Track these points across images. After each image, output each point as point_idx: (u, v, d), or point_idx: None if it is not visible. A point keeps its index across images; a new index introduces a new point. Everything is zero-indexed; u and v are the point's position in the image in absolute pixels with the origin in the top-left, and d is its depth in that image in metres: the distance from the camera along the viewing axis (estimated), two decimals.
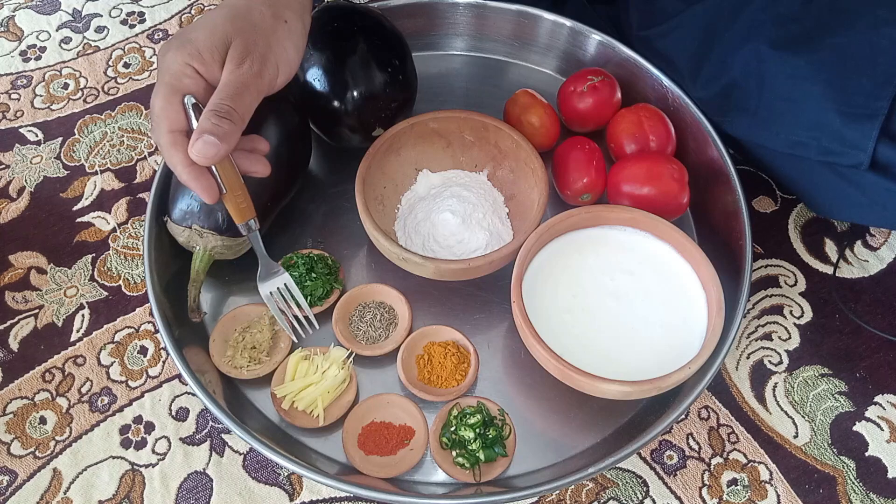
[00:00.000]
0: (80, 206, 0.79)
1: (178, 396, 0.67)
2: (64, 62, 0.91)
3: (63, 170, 0.82)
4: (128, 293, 0.73)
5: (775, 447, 0.65)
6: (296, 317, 0.64)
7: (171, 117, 0.53)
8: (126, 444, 0.65)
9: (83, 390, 0.68)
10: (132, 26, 0.95)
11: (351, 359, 0.64)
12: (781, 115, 0.66)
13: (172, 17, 0.96)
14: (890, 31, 0.62)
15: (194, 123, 0.53)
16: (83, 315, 0.72)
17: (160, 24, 0.95)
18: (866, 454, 0.65)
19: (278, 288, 0.63)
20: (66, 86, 0.89)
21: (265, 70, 0.54)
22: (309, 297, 0.66)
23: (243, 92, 0.53)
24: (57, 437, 0.65)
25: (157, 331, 0.69)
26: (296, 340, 0.65)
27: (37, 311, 0.72)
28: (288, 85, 0.71)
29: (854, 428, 0.67)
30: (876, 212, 0.68)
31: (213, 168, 0.55)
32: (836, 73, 0.63)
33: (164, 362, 0.69)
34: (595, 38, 0.80)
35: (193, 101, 0.53)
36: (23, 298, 0.73)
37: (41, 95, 0.88)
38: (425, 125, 0.70)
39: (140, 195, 0.80)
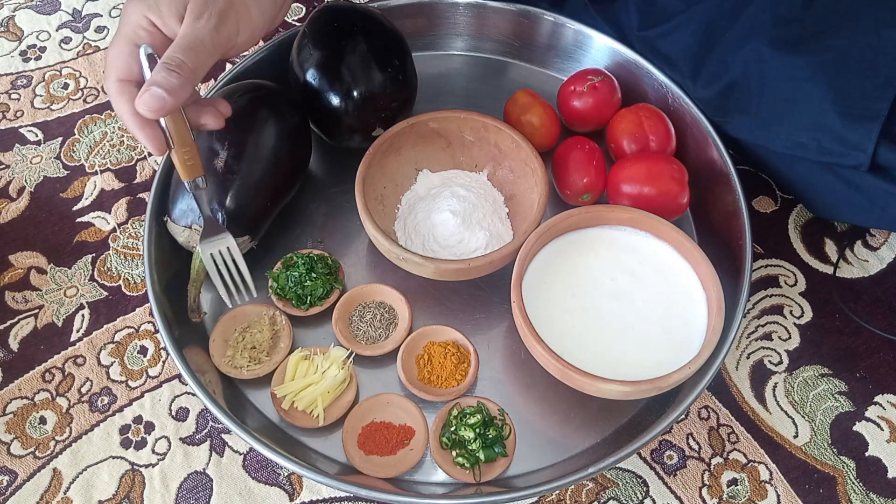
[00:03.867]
0: (80, 206, 0.79)
1: (178, 396, 0.67)
2: (64, 62, 0.91)
3: (63, 170, 0.82)
4: (128, 293, 0.73)
5: (775, 447, 0.65)
6: (234, 282, 0.63)
7: (120, 66, 0.53)
8: (126, 444, 0.65)
9: (83, 390, 0.68)
10: None
11: (351, 359, 0.64)
12: (781, 116, 0.66)
13: None
14: (890, 33, 0.62)
15: (147, 74, 0.53)
16: (83, 315, 0.72)
17: None
18: (866, 454, 0.65)
19: (220, 251, 0.62)
20: (66, 86, 0.89)
21: (223, 27, 0.54)
22: (309, 297, 0.66)
23: (197, 47, 0.53)
24: (57, 437, 0.65)
25: (157, 331, 0.69)
26: (230, 306, 0.64)
27: (37, 311, 0.72)
28: (288, 85, 0.72)
29: (854, 428, 0.67)
30: (875, 214, 0.68)
31: (163, 121, 0.54)
32: (836, 74, 0.63)
33: (164, 362, 0.69)
34: (595, 38, 0.80)
35: (150, 51, 0.53)
36: (23, 298, 0.73)
37: (41, 95, 0.88)
38: (425, 125, 0.70)
39: (140, 195, 0.80)
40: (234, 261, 0.62)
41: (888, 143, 0.61)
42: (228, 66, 0.90)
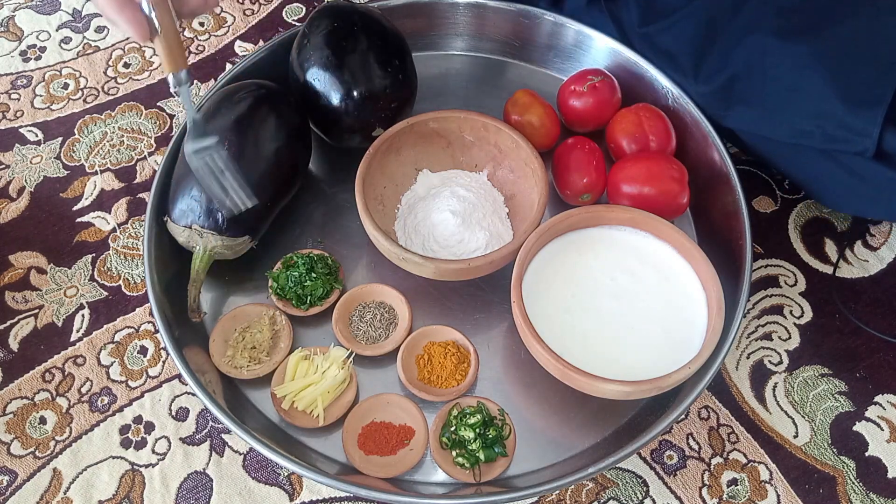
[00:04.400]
0: (80, 206, 0.79)
1: (178, 396, 0.67)
2: (64, 62, 0.91)
3: (63, 170, 0.82)
4: (128, 293, 0.73)
5: (775, 447, 0.65)
6: (223, 188, 0.60)
7: None
8: (126, 444, 0.65)
9: (83, 390, 0.68)
10: None
11: (351, 359, 0.64)
12: (785, 105, 0.66)
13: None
14: (892, 19, 0.62)
15: None
16: (83, 315, 0.72)
17: None
18: (866, 454, 0.65)
19: (210, 157, 0.58)
20: (66, 86, 0.89)
21: None
22: (309, 297, 0.66)
23: None
24: (57, 437, 0.65)
25: (157, 331, 0.69)
26: (234, 211, 0.60)
27: (37, 311, 0.72)
28: (288, 85, 0.72)
29: (854, 428, 0.67)
30: (882, 204, 0.68)
31: (145, 6, 0.51)
32: (839, 61, 0.63)
33: (164, 362, 0.69)
34: (595, 38, 0.80)
35: None
36: (23, 298, 0.73)
37: (41, 95, 0.88)
38: (425, 125, 0.70)
39: (140, 195, 0.80)
40: (222, 167, 0.58)
41: (893, 130, 0.61)
42: (228, 66, 0.90)
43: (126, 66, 0.90)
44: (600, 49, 0.80)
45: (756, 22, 0.67)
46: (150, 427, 0.66)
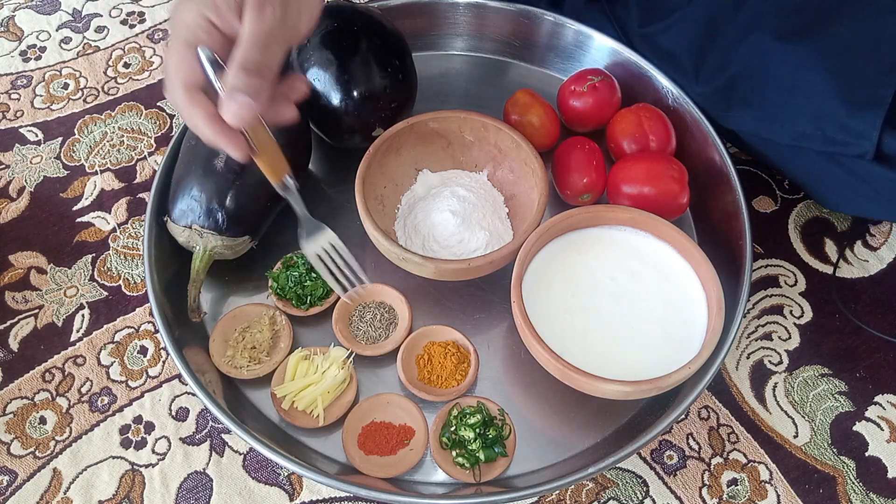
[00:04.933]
0: (80, 206, 0.79)
1: (178, 396, 0.67)
2: (64, 62, 0.91)
3: (63, 170, 0.82)
4: (128, 293, 0.73)
5: (775, 447, 0.65)
6: (344, 274, 0.61)
7: (185, 72, 0.49)
8: (126, 444, 0.65)
9: (83, 390, 0.68)
10: (132, 26, 0.95)
11: (351, 359, 0.64)
12: (785, 107, 0.66)
13: None
14: (893, 20, 0.61)
15: (212, 78, 0.49)
16: (83, 315, 0.72)
17: (160, 24, 0.95)
18: (866, 454, 0.65)
19: (324, 248, 0.59)
20: (66, 86, 0.89)
21: (287, 16, 0.50)
22: (309, 297, 0.66)
23: (270, 42, 0.49)
24: (57, 437, 0.65)
25: (157, 331, 0.69)
26: (349, 302, 0.62)
27: (37, 311, 0.72)
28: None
29: (854, 428, 0.67)
30: (882, 205, 0.67)
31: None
32: (839, 62, 0.63)
33: (164, 362, 0.69)
34: (595, 38, 0.80)
35: (209, 53, 0.49)
36: (23, 298, 0.73)
37: (41, 95, 0.88)
38: (425, 125, 0.70)
39: (140, 195, 0.80)
40: (338, 252, 0.60)
41: (893, 132, 0.61)
42: None
43: (126, 66, 0.91)
44: (600, 49, 0.80)
45: (756, 22, 0.67)
46: (150, 427, 0.66)
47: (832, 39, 0.63)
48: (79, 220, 0.78)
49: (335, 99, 0.68)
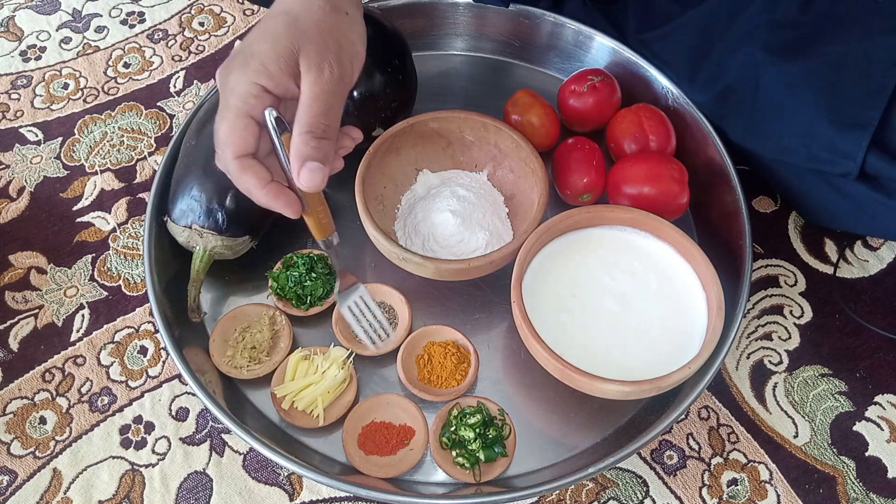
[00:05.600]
0: (80, 206, 0.79)
1: (178, 396, 0.67)
2: (64, 62, 0.91)
3: (63, 170, 0.82)
4: (128, 293, 0.73)
5: (775, 447, 0.65)
6: (372, 326, 0.63)
7: (237, 142, 0.48)
8: (126, 444, 0.65)
9: (83, 390, 0.68)
10: (132, 26, 0.95)
11: (351, 359, 0.64)
12: (773, 121, 0.66)
13: (172, 17, 0.96)
14: (884, 41, 0.61)
15: (276, 142, 0.49)
16: (83, 315, 0.72)
17: (160, 24, 0.95)
18: (866, 454, 0.65)
19: (355, 302, 0.62)
20: (66, 86, 0.89)
21: (344, 72, 0.50)
22: (309, 297, 0.66)
23: (332, 103, 0.49)
24: (57, 437, 0.65)
25: (157, 331, 0.69)
26: (374, 352, 0.64)
27: (37, 311, 0.72)
28: None
29: (854, 428, 0.67)
30: (866, 221, 0.68)
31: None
32: (829, 81, 0.63)
33: (164, 362, 0.69)
34: (595, 38, 0.80)
35: (275, 114, 0.49)
36: (23, 298, 0.73)
37: (41, 95, 0.88)
38: (425, 125, 0.70)
39: (140, 195, 0.80)
40: (368, 307, 0.62)
41: (877, 152, 0.61)
42: None
43: (126, 66, 0.91)
44: (600, 49, 0.80)
45: (750, 34, 0.67)
46: (150, 427, 0.66)
47: (822, 57, 0.63)
48: (79, 220, 0.78)
49: None
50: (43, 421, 0.66)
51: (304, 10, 0.50)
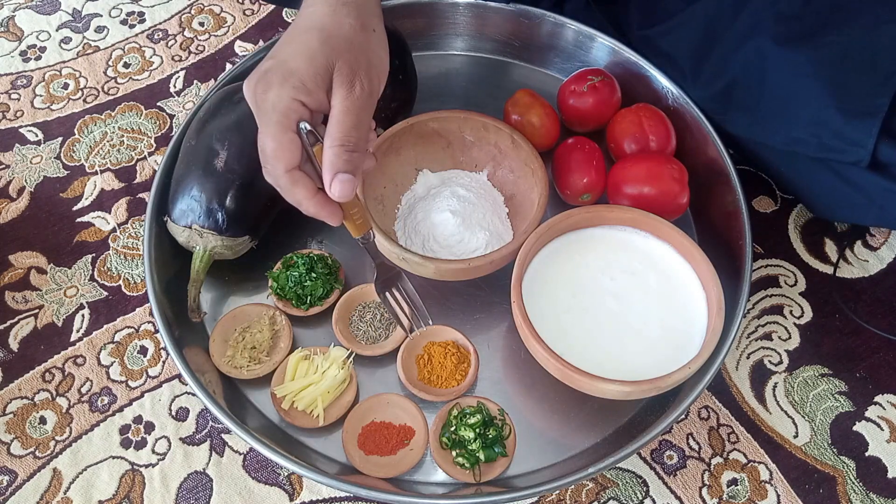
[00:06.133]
0: (80, 206, 0.79)
1: (178, 396, 0.67)
2: (64, 62, 0.91)
3: (63, 170, 0.82)
4: (128, 293, 0.73)
5: (775, 447, 0.65)
6: (412, 311, 0.64)
7: (286, 157, 0.50)
8: (126, 444, 0.65)
9: (83, 390, 0.68)
10: (132, 26, 0.95)
11: (351, 359, 0.64)
12: (782, 112, 0.66)
13: (172, 17, 0.96)
14: (890, 29, 0.62)
15: (310, 152, 0.52)
16: (83, 315, 0.72)
17: (160, 24, 0.95)
18: (866, 454, 0.65)
19: (395, 290, 0.63)
20: (66, 86, 0.89)
21: (373, 87, 0.53)
22: (309, 297, 0.66)
23: (363, 117, 0.52)
24: (57, 437, 0.65)
25: (157, 331, 0.69)
26: (410, 336, 0.64)
27: (37, 311, 0.72)
28: None
29: (854, 428, 0.67)
30: (874, 212, 0.68)
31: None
32: (836, 70, 0.63)
33: (164, 362, 0.69)
34: (595, 38, 0.80)
35: (308, 127, 0.51)
36: (23, 298, 0.73)
37: (41, 95, 0.88)
38: (425, 125, 0.70)
39: (140, 195, 0.80)
40: (407, 294, 0.64)
41: (888, 140, 0.61)
42: (228, 66, 0.90)
43: (126, 66, 0.91)
44: (600, 49, 0.80)
45: (755, 28, 0.67)
46: (150, 427, 0.66)
47: (830, 47, 0.63)
48: (79, 220, 0.78)
49: None
50: (43, 421, 0.66)
51: (336, 27, 0.52)
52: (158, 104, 0.87)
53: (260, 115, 0.51)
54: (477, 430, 0.59)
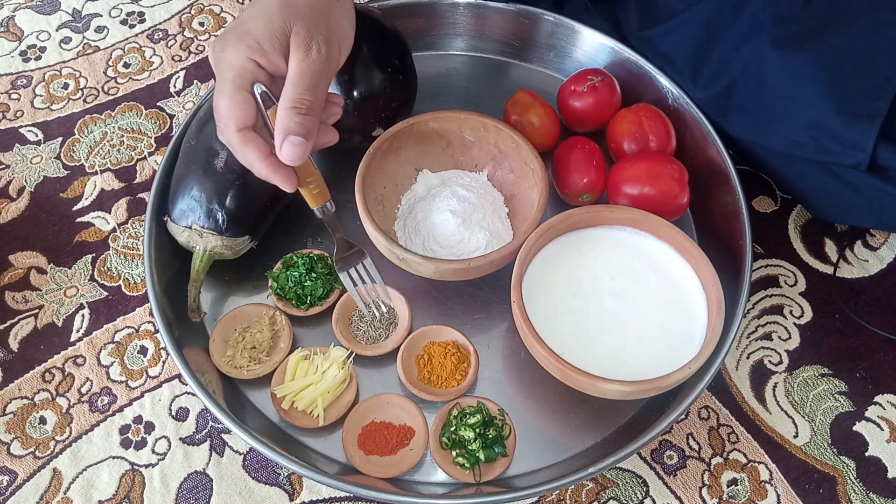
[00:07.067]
0: (80, 206, 0.79)
1: (178, 396, 0.67)
2: (64, 62, 0.91)
3: (63, 170, 0.82)
4: (128, 293, 0.73)
5: (775, 447, 0.65)
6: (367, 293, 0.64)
7: (238, 115, 0.51)
8: (126, 444, 0.65)
9: (83, 390, 0.68)
10: (132, 26, 0.95)
11: (351, 359, 0.64)
12: (781, 115, 0.66)
13: (172, 17, 0.96)
14: (890, 32, 0.62)
15: (264, 114, 0.52)
16: (83, 315, 0.72)
17: (160, 24, 0.95)
18: (866, 454, 0.65)
19: (356, 268, 0.63)
20: (66, 86, 0.89)
21: (332, 53, 0.53)
22: (309, 297, 0.66)
23: (318, 81, 0.52)
24: (57, 437, 0.65)
25: (157, 331, 0.69)
26: (369, 318, 0.65)
27: (37, 311, 0.72)
28: None
29: (854, 428, 0.67)
30: (874, 214, 0.68)
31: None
32: (836, 73, 0.63)
33: (164, 362, 0.69)
34: (595, 38, 0.80)
35: (263, 88, 0.51)
36: (23, 298, 0.73)
37: (41, 95, 0.88)
38: (425, 125, 0.70)
39: (140, 195, 0.80)
40: (368, 273, 0.63)
41: (887, 143, 0.61)
42: None
43: (126, 66, 0.91)
44: (600, 49, 0.80)
45: (754, 29, 0.67)
46: (150, 427, 0.66)
47: (829, 50, 0.63)
48: (79, 220, 0.78)
49: None
50: (43, 421, 0.66)
51: None
52: (158, 104, 0.87)
53: (217, 75, 0.52)
54: (477, 430, 0.59)
